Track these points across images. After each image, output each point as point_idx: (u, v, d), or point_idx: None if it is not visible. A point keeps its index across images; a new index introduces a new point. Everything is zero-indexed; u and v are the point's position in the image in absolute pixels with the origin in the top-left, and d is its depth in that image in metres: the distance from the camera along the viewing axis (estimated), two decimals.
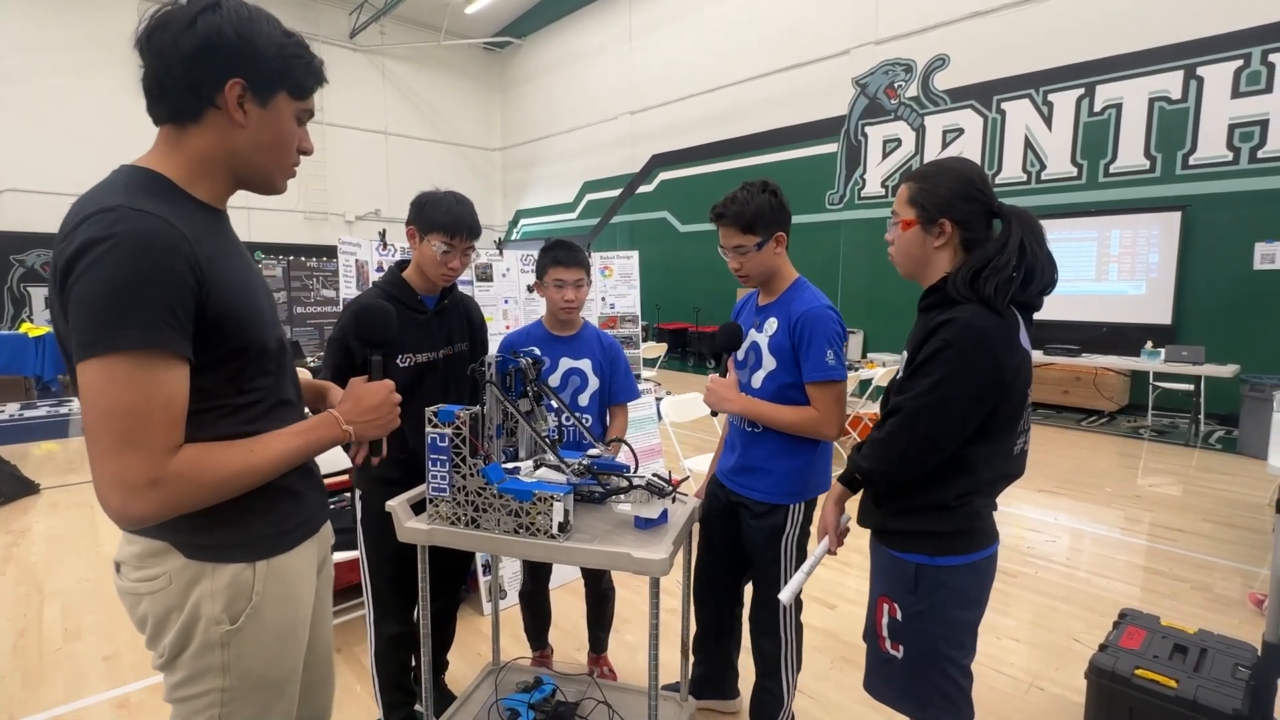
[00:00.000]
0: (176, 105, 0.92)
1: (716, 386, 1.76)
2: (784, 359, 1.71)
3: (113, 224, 0.82)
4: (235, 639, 0.98)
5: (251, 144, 0.97)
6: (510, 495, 1.50)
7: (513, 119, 15.79)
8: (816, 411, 1.69)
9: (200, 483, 0.88)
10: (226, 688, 0.98)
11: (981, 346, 1.20)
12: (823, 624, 2.82)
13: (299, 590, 1.07)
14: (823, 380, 1.67)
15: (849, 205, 9.40)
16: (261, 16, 0.95)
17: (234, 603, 0.97)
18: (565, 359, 2.14)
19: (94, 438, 0.83)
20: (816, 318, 1.67)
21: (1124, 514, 4.23)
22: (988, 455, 1.27)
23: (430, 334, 1.83)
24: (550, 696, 1.87)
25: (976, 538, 1.31)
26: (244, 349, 0.97)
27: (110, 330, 0.81)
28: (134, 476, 0.83)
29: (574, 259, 2.04)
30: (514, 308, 3.78)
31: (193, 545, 0.95)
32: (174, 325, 0.85)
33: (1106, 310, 7.28)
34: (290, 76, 0.97)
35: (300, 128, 1.03)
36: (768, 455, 1.77)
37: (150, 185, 0.91)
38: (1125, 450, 5.87)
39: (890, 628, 1.37)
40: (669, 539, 1.50)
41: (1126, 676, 1.81)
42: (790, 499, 1.78)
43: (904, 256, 1.37)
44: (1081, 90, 7.28)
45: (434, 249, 1.75)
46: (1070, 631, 2.74)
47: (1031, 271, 1.24)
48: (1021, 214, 1.29)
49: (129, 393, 0.82)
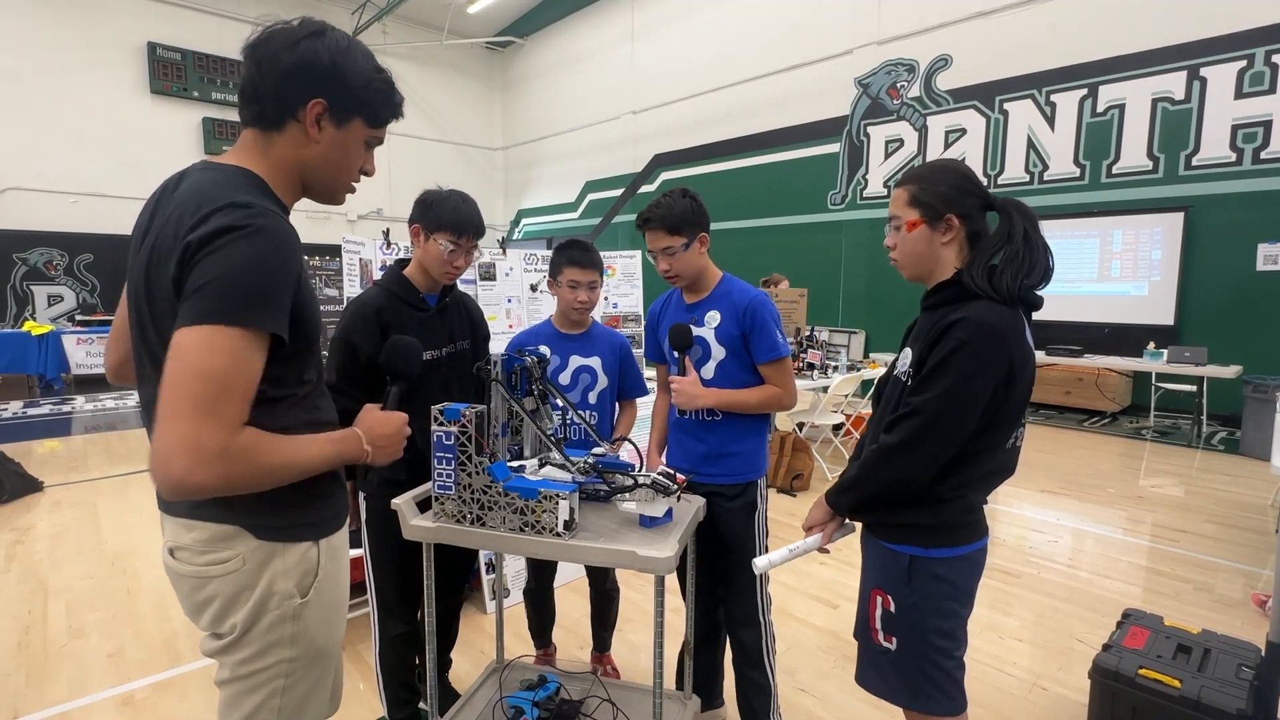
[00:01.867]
0: (263, 112, 1.02)
1: (684, 386, 1.80)
2: (733, 346, 1.82)
3: (252, 216, 0.92)
4: (305, 611, 1.07)
5: (321, 159, 1.07)
6: (516, 493, 1.50)
7: (515, 118, 15.79)
8: (776, 387, 1.83)
9: (255, 464, 0.92)
10: (294, 658, 1.07)
11: (997, 343, 1.21)
12: (825, 623, 2.82)
13: (344, 566, 1.19)
14: (777, 358, 1.80)
15: (851, 205, 9.39)
16: (359, 50, 1.06)
17: (304, 578, 1.07)
18: (575, 356, 2.15)
19: (175, 401, 0.86)
20: (762, 304, 1.81)
21: (1126, 515, 4.23)
22: (985, 449, 1.28)
23: (433, 332, 1.83)
24: (554, 694, 1.88)
25: (968, 530, 1.33)
26: (311, 343, 1.07)
27: (239, 305, 0.88)
28: (209, 442, 0.86)
29: (590, 260, 2.06)
30: (517, 307, 3.78)
31: (264, 527, 1.03)
32: (284, 311, 0.95)
33: (1109, 311, 7.27)
34: (369, 106, 1.08)
35: (367, 151, 1.13)
36: (733, 438, 1.86)
37: (261, 187, 1.02)
38: (1127, 451, 5.87)
39: (883, 620, 1.38)
40: (674, 537, 1.50)
41: (1130, 676, 1.81)
42: (757, 474, 1.88)
43: (911, 258, 1.38)
44: (1084, 91, 7.28)
45: (440, 248, 1.76)
46: (1073, 632, 2.74)
47: (1035, 260, 1.25)
48: (1017, 203, 1.31)
49: (227, 360, 0.88)
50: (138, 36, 10.87)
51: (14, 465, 4.56)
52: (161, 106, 11.03)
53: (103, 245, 10.35)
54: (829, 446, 5.63)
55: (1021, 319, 1.27)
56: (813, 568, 3.33)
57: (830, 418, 5.24)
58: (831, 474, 5.02)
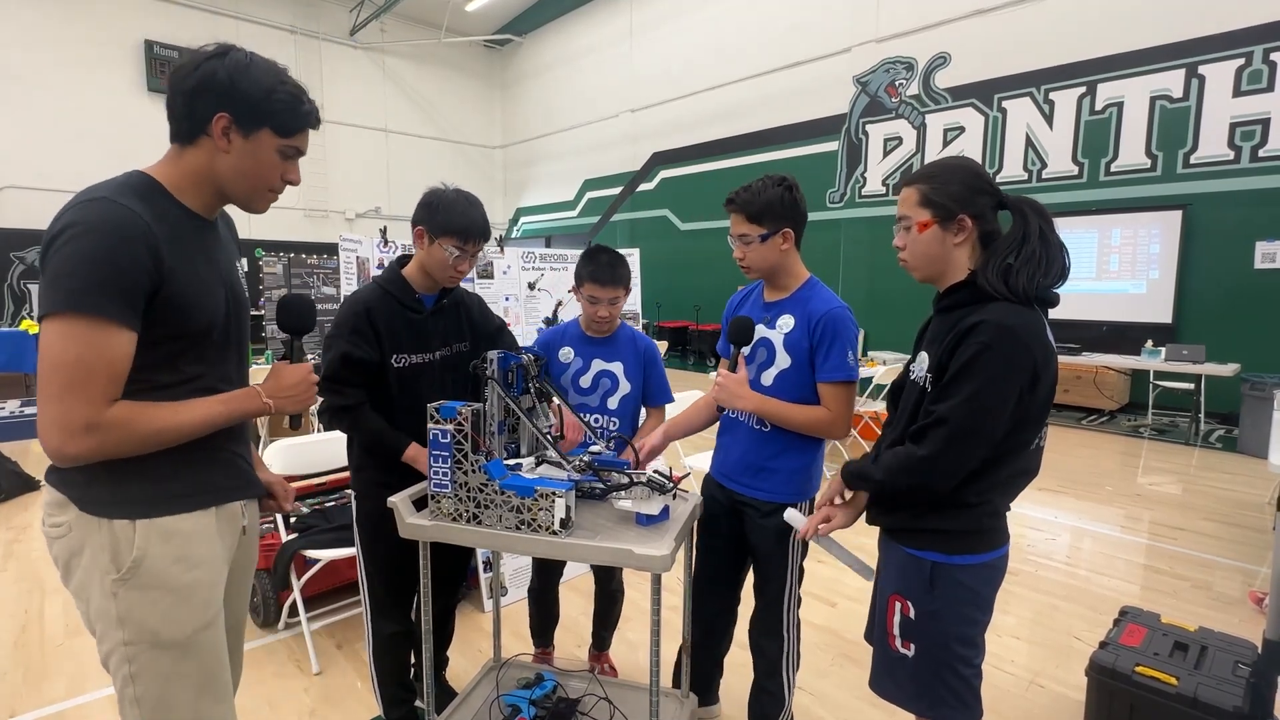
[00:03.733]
0: (178, 128, 1.12)
1: (728, 383, 1.70)
2: (799, 357, 1.68)
3: (90, 212, 1.00)
4: (122, 590, 1.08)
5: (232, 168, 1.14)
6: (512, 491, 1.50)
7: (513, 117, 15.77)
8: (828, 411, 1.68)
9: (130, 432, 1.02)
10: (128, 642, 1.09)
11: (1019, 346, 1.18)
12: (824, 622, 2.82)
13: (196, 553, 1.15)
14: (840, 380, 1.65)
15: (850, 204, 9.39)
16: (261, 67, 1.13)
17: (117, 554, 1.08)
18: (598, 360, 2.12)
19: (44, 385, 0.98)
20: (839, 318, 1.66)
21: (1124, 513, 4.24)
22: (1010, 452, 1.26)
23: (425, 335, 1.80)
24: (551, 693, 1.87)
25: (992, 536, 1.31)
26: (184, 335, 1.10)
27: (70, 295, 0.96)
28: (74, 419, 0.97)
29: (612, 277, 1.99)
30: (514, 305, 3.77)
31: (82, 500, 1.07)
32: (124, 299, 1.00)
33: (1107, 309, 7.28)
34: (275, 117, 1.13)
35: (287, 161, 1.19)
36: (776, 454, 1.74)
37: (140, 187, 1.08)
38: (1126, 449, 5.88)
39: (902, 626, 1.36)
40: (670, 535, 1.50)
41: (1127, 674, 1.81)
42: (798, 497, 1.77)
43: (923, 259, 1.34)
44: (1083, 89, 7.28)
45: (445, 253, 1.71)
46: (1071, 630, 2.74)
47: (1051, 259, 1.23)
48: (1031, 202, 1.28)
49: (78, 347, 0.97)
50: (135, 34, 10.86)
51: (11, 464, 4.55)
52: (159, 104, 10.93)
53: None
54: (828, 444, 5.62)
55: (1041, 318, 1.24)
56: (811, 565, 3.31)
57: None
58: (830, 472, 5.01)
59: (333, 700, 2.25)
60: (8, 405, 7.73)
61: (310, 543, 2.50)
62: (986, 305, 1.22)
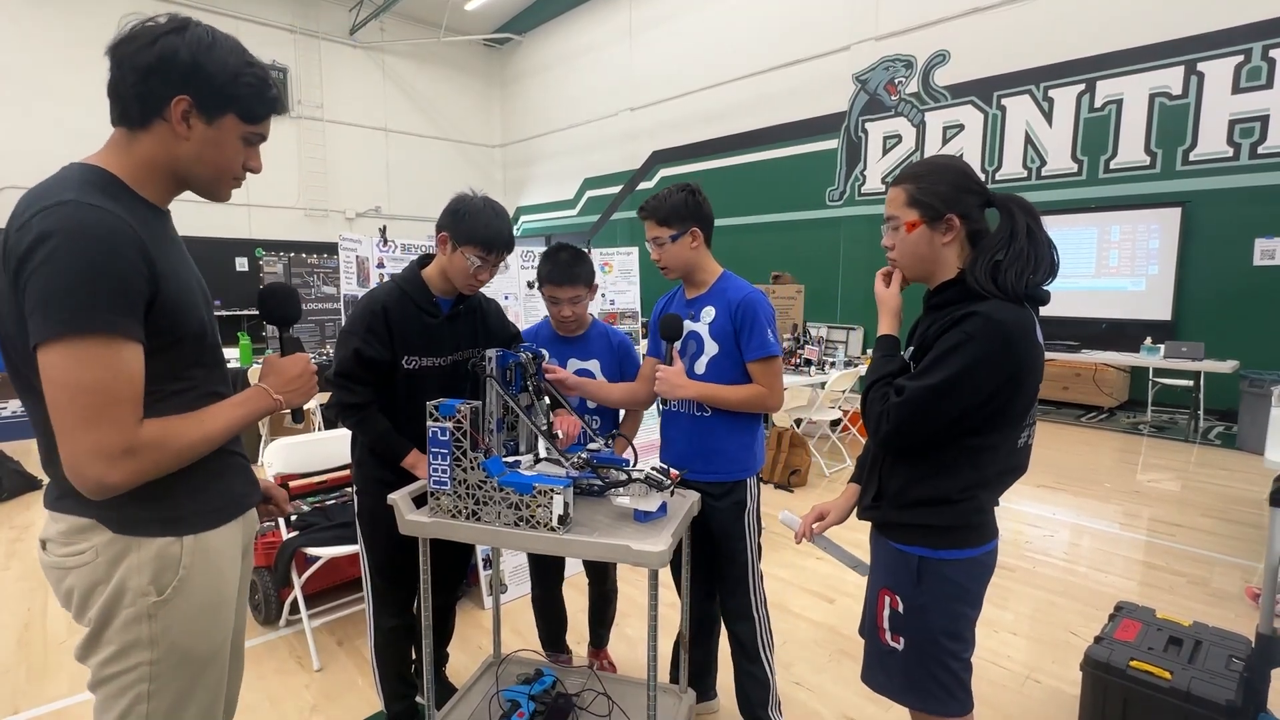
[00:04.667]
0: (127, 111, 1.01)
1: (668, 375, 1.79)
2: (726, 342, 1.81)
3: (67, 218, 0.89)
4: (162, 611, 1.02)
5: (193, 156, 1.04)
6: (511, 488, 1.51)
7: (513, 116, 15.77)
8: (761, 387, 1.80)
9: (166, 450, 0.97)
10: (155, 660, 1.03)
11: (1004, 342, 1.19)
12: (822, 618, 2.83)
13: (224, 567, 1.13)
14: (765, 356, 1.78)
15: (849, 201, 9.39)
16: (224, 45, 1.03)
17: (160, 575, 1.02)
18: (573, 360, 2.12)
19: (65, 414, 0.90)
20: (755, 301, 1.80)
21: (1122, 509, 4.25)
22: (994, 448, 1.28)
23: (439, 339, 1.80)
24: (550, 688, 1.89)
25: (979, 532, 1.32)
26: (181, 339, 1.04)
27: (75, 316, 0.88)
28: (111, 446, 0.91)
29: (567, 276, 1.99)
30: (514, 304, 3.78)
31: (119, 520, 1.00)
32: (129, 311, 0.93)
33: (1106, 306, 7.29)
34: (240, 102, 1.04)
35: (250, 148, 1.10)
36: (720, 435, 1.85)
37: (100, 182, 0.98)
38: (1124, 446, 5.89)
39: (891, 620, 1.38)
40: (667, 531, 1.51)
41: (1121, 668, 1.82)
42: (746, 473, 1.87)
43: (912, 259, 1.36)
44: (1082, 86, 7.28)
45: (467, 261, 1.71)
46: (1067, 625, 2.76)
47: (1040, 256, 1.25)
48: (1018, 200, 1.30)
49: (97, 371, 0.90)
50: None
51: (13, 463, 4.57)
52: None
53: None
54: (826, 443, 5.64)
55: (1032, 317, 1.25)
56: (810, 563, 3.35)
57: (828, 413, 5.25)
58: (829, 470, 5.04)
59: (333, 696, 2.27)
60: (9, 405, 7.75)
61: (310, 540, 2.52)
62: (984, 300, 1.23)
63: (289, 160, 12.49)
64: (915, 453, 1.32)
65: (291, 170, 12.52)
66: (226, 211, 11.80)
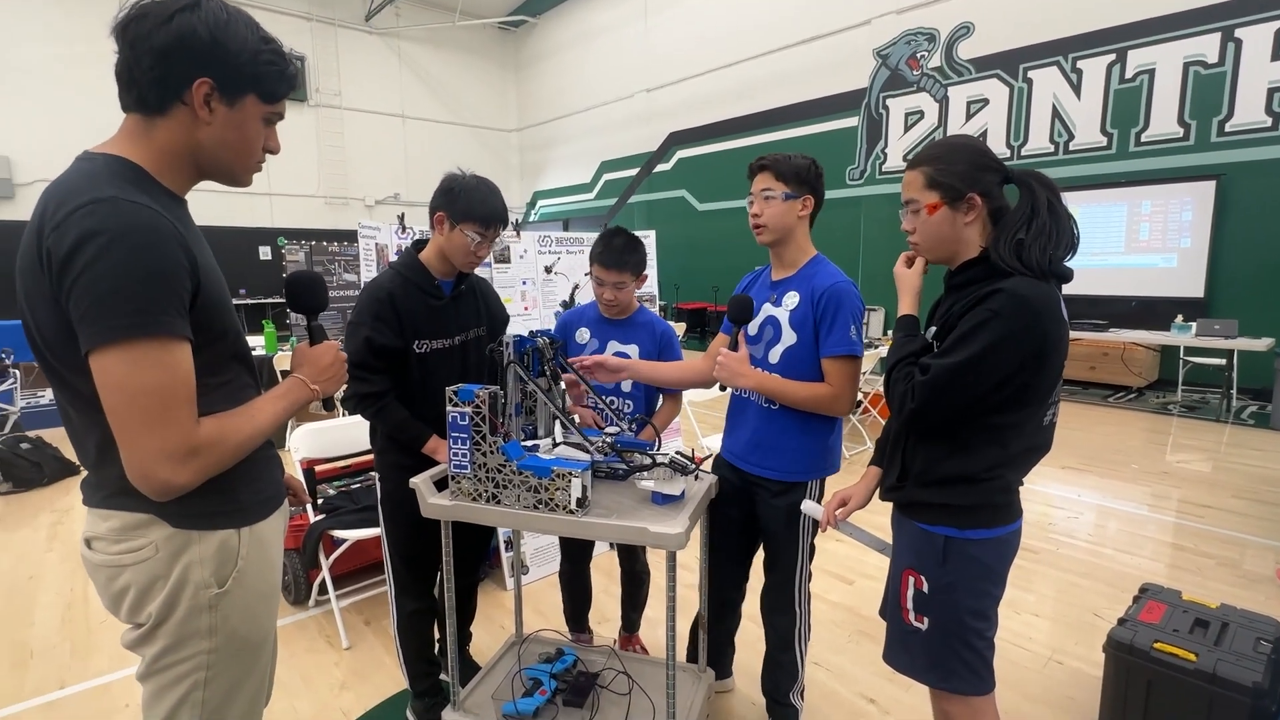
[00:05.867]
0: (144, 96, 0.96)
1: (729, 361, 1.70)
2: (805, 332, 1.69)
3: (110, 216, 0.86)
4: (223, 602, 1.04)
5: (216, 141, 1.00)
6: (530, 472, 1.53)
7: (529, 99, 15.70)
8: (831, 387, 1.68)
9: (225, 446, 0.98)
10: (214, 649, 1.04)
11: (1029, 320, 1.19)
12: (841, 599, 2.84)
13: (274, 555, 1.15)
14: (843, 355, 1.66)
15: (870, 180, 9.25)
16: (240, 20, 0.98)
17: (222, 567, 1.03)
18: (614, 342, 2.13)
19: (127, 419, 0.89)
20: (843, 292, 1.67)
21: (1150, 490, 4.18)
22: (1018, 425, 1.27)
23: (446, 319, 1.83)
24: (572, 667, 1.92)
25: (1004, 511, 1.32)
26: (223, 334, 1.03)
27: (132, 319, 0.86)
28: (176, 448, 0.91)
29: (617, 262, 1.99)
30: (531, 289, 3.80)
31: (179, 514, 0.99)
32: (179, 310, 0.91)
33: (1136, 284, 7.11)
34: (261, 82, 1.01)
35: (269, 128, 1.07)
36: (785, 432, 1.75)
37: (131, 175, 0.95)
38: (1153, 426, 5.77)
39: (915, 600, 1.38)
40: (685, 514, 1.52)
41: (1145, 650, 1.80)
42: (808, 475, 1.77)
43: (934, 241, 1.35)
44: (1112, 56, 7.05)
45: (466, 238, 1.73)
46: (1092, 607, 2.73)
47: (1061, 230, 1.23)
48: (1037, 175, 1.28)
49: (156, 373, 0.89)
50: None
51: (52, 450, 4.72)
52: None
53: None
54: (847, 425, 5.61)
55: (1057, 294, 1.25)
56: (830, 545, 3.35)
57: None
58: (849, 452, 5.01)
59: (362, 674, 2.33)
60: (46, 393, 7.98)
61: (337, 523, 2.58)
62: (1008, 278, 1.22)
63: (309, 148, 12.59)
64: (940, 432, 1.32)
65: (311, 158, 12.63)
66: (249, 200, 11.97)
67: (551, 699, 1.80)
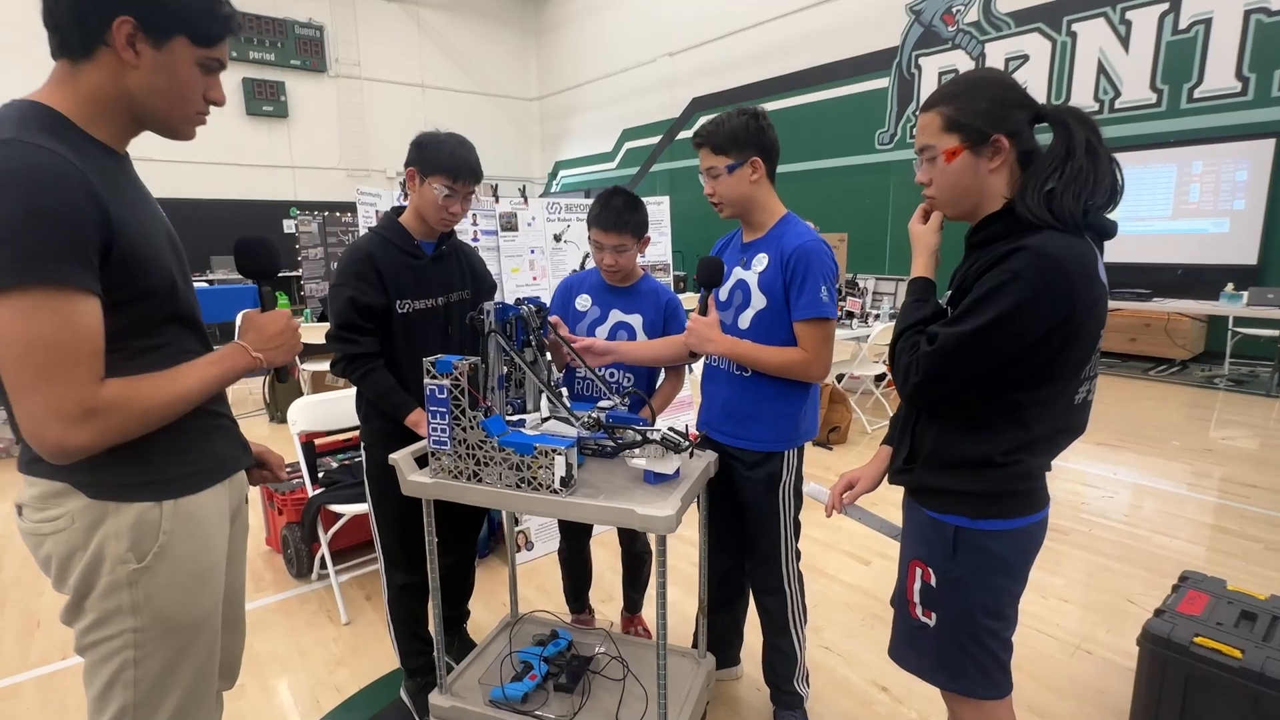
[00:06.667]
0: (66, 40, 0.91)
1: (698, 325, 1.62)
2: (775, 296, 1.61)
3: (5, 159, 0.81)
4: (143, 578, 0.98)
5: (146, 87, 0.94)
6: (511, 448, 1.44)
7: (549, 67, 15.40)
8: (804, 352, 1.60)
9: (132, 411, 0.91)
10: (139, 628, 0.99)
11: (1057, 280, 1.01)
12: (856, 580, 2.72)
13: (211, 532, 1.08)
14: (814, 318, 1.57)
15: (900, 144, 8.86)
16: None
17: (140, 542, 0.98)
18: (616, 311, 2.00)
19: (16, 373, 0.84)
20: (812, 252, 1.57)
21: (1191, 469, 3.95)
22: (1043, 403, 1.11)
23: (429, 280, 1.78)
24: (565, 650, 1.85)
25: (1026, 500, 1.16)
26: (149, 294, 0.96)
27: (18, 265, 0.80)
28: (68, 407, 0.85)
29: (615, 222, 1.84)
30: (540, 258, 3.68)
31: (95, 485, 0.95)
32: (79, 260, 0.84)
33: (1182, 250, 6.71)
34: (189, 21, 0.94)
35: (210, 76, 1.00)
36: (758, 400, 1.67)
37: (44, 120, 0.89)
38: (1197, 401, 5.49)
39: (923, 593, 1.25)
40: (677, 495, 1.41)
41: (1184, 645, 1.66)
42: (784, 445, 1.69)
43: (954, 192, 1.17)
44: (1165, 5, 6.57)
45: (435, 192, 1.68)
46: (1125, 592, 2.57)
47: (1101, 174, 1.05)
48: (1074, 111, 1.09)
49: (49, 326, 0.83)
50: None
51: None
52: None
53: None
54: (869, 398, 5.43)
55: (1093, 251, 1.07)
56: (846, 523, 3.22)
57: (871, 368, 5.04)
58: (871, 427, 4.85)
59: (360, 650, 2.29)
60: None
61: (335, 497, 2.53)
62: (1030, 234, 1.05)
63: (329, 120, 12.54)
64: (952, 409, 1.17)
65: (332, 130, 12.58)
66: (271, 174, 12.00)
67: (542, 684, 1.72)
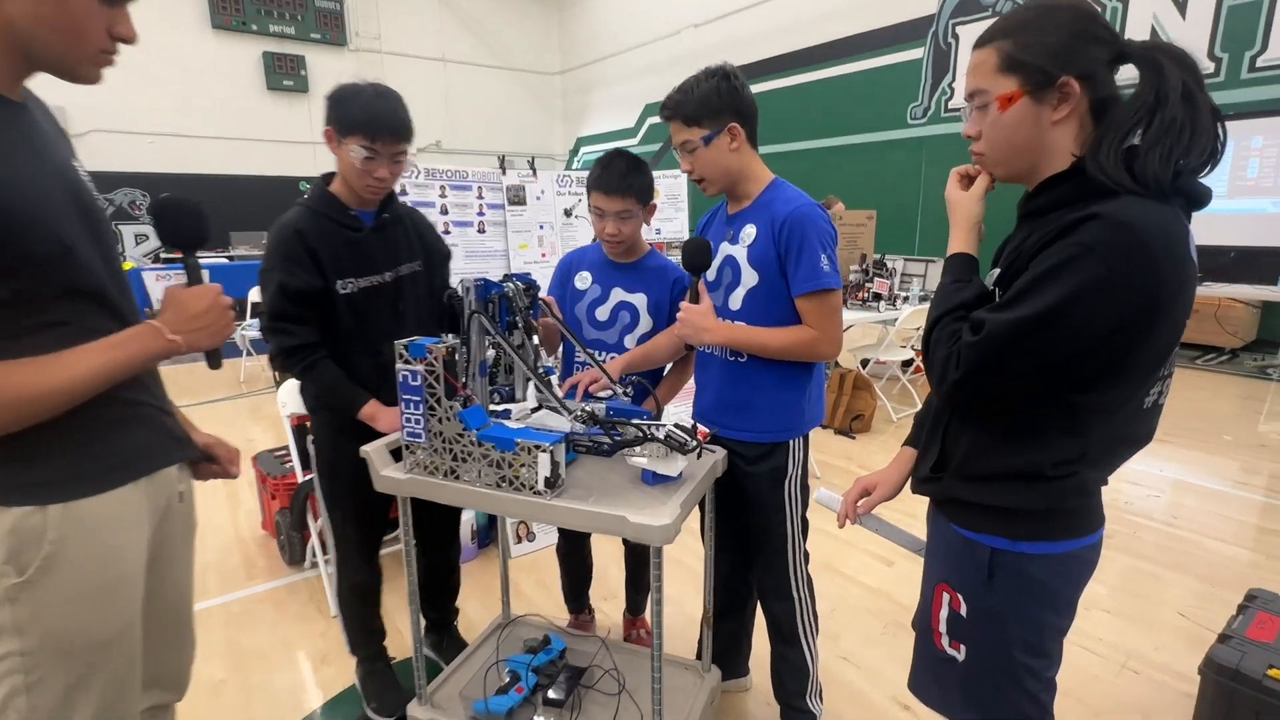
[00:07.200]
0: None
1: (689, 315, 1.45)
2: (768, 270, 1.44)
3: None
4: (25, 594, 0.85)
5: (30, 18, 0.81)
6: (490, 443, 1.28)
7: (572, 40, 15.08)
8: (811, 329, 1.43)
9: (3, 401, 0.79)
10: (26, 651, 0.86)
11: (1138, 257, 0.81)
12: (878, 583, 2.54)
13: (118, 540, 0.94)
14: (817, 290, 1.40)
15: (934, 119, 8.45)
16: None
17: (20, 552, 0.84)
18: (618, 289, 1.81)
19: None
20: (806, 217, 1.40)
21: (1243, 465, 3.68)
22: (1107, 408, 0.91)
23: (369, 255, 1.57)
24: (558, 659, 1.70)
25: (1078, 519, 0.97)
26: (36, 263, 0.82)
27: None
28: None
29: (620, 186, 1.65)
30: (549, 234, 3.51)
31: None
32: None
33: (1237, 232, 6.29)
34: None
35: (114, 8, 0.86)
36: (756, 387, 1.49)
37: None
38: (1249, 392, 5.16)
39: (950, 623, 1.06)
40: (677, 500, 1.25)
41: (1255, 678, 1.46)
42: (788, 434, 1.52)
43: (1008, 148, 0.95)
44: None
45: (353, 155, 1.46)
46: (1177, 605, 2.35)
47: (1200, 128, 0.83)
48: (1170, 48, 0.86)
49: None
50: None
51: None
52: (223, 42, 11.05)
53: (180, 186, 10.63)
54: (896, 385, 5.19)
55: (1183, 222, 0.86)
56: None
57: (898, 353, 4.80)
58: (897, 415, 4.63)
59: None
60: None
61: None
62: (1104, 199, 0.84)
63: None
64: (994, 410, 0.97)
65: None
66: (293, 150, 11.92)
67: (529, 697, 1.58)
